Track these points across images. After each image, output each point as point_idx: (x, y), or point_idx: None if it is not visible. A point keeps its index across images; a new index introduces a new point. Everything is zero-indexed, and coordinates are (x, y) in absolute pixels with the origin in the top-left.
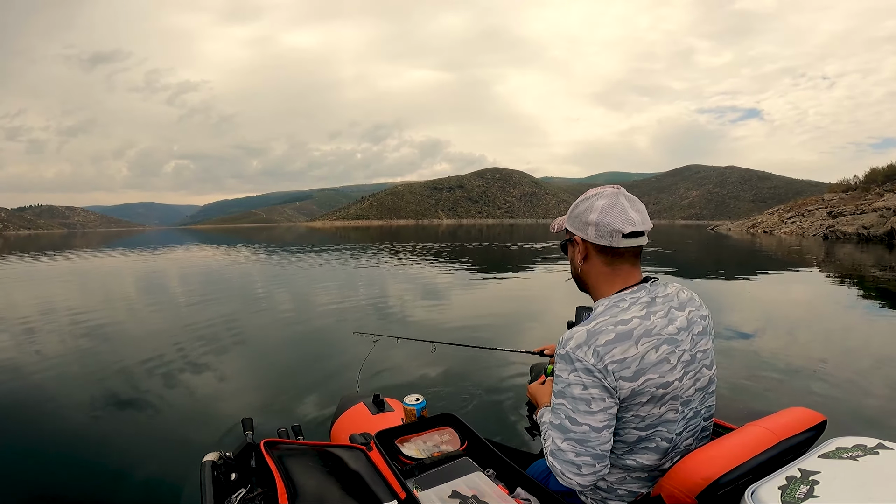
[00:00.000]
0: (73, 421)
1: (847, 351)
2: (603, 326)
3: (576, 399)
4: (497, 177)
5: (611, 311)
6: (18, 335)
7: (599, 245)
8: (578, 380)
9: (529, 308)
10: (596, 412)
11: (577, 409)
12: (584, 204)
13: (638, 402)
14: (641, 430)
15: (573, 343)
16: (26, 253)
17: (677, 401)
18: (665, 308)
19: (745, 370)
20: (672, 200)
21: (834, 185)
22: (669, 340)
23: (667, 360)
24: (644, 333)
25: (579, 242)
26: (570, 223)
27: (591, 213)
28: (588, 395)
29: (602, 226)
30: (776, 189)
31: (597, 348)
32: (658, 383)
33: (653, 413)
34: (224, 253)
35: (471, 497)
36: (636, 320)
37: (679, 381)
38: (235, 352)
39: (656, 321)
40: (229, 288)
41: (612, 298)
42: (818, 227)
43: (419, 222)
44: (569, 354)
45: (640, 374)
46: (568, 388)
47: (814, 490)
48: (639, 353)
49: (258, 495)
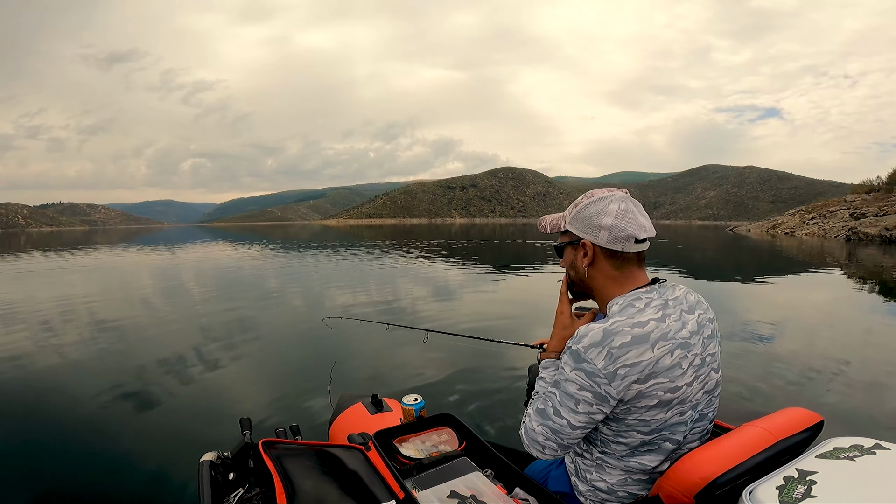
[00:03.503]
0: (69, 420)
1: (856, 352)
2: (620, 327)
3: (566, 395)
4: (510, 176)
5: (627, 312)
6: (23, 329)
7: (609, 249)
8: (577, 378)
9: (529, 304)
10: (580, 413)
11: (563, 403)
12: (594, 206)
13: (644, 406)
14: (646, 434)
15: (587, 341)
16: (47, 249)
17: (685, 404)
18: (677, 311)
19: (746, 370)
20: (689, 201)
21: (857, 185)
22: (683, 345)
23: (679, 365)
24: (660, 337)
25: (588, 246)
26: (574, 225)
27: (604, 217)
28: (579, 396)
29: (617, 230)
30: (796, 190)
31: (611, 350)
32: (667, 388)
33: (658, 418)
34: (239, 250)
35: (469, 497)
36: (652, 323)
37: (688, 385)
38: (236, 350)
39: (671, 324)
40: (236, 285)
41: (626, 297)
42: (840, 229)
43: (432, 221)
44: (578, 352)
45: (651, 377)
46: (564, 382)
47: (811, 490)
48: (654, 356)
49: (256, 495)
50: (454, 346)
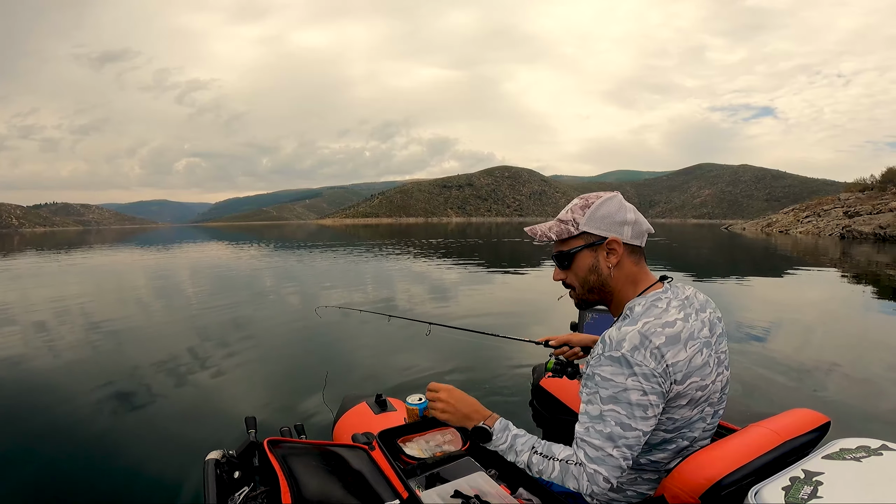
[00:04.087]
0: (74, 418)
1: (857, 352)
2: (652, 328)
3: (633, 405)
4: (506, 175)
5: (652, 312)
6: (26, 331)
7: (632, 245)
8: (637, 385)
9: (529, 302)
10: (650, 418)
11: (633, 414)
12: (609, 204)
13: (677, 405)
14: (669, 431)
15: (628, 345)
16: (40, 249)
17: (706, 402)
18: (693, 311)
19: (751, 370)
20: (684, 199)
21: (850, 184)
22: (707, 344)
23: (707, 364)
24: (689, 336)
25: (617, 243)
26: (593, 225)
27: (626, 213)
28: (647, 400)
29: (638, 225)
30: (791, 188)
31: (654, 350)
32: (699, 386)
33: (685, 416)
34: (235, 250)
35: (473, 497)
36: (679, 323)
37: (713, 383)
38: (239, 350)
39: (694, 324)
40: (235, 285)
41: (647, 298)
42: (834, 227)
43: (428, 220)
44: (625, 357)
45: (688, 377)
46: (624, 394)
47: (817, 491)
48: (688, 356)
49: (261, 494)
50: (457, 345)
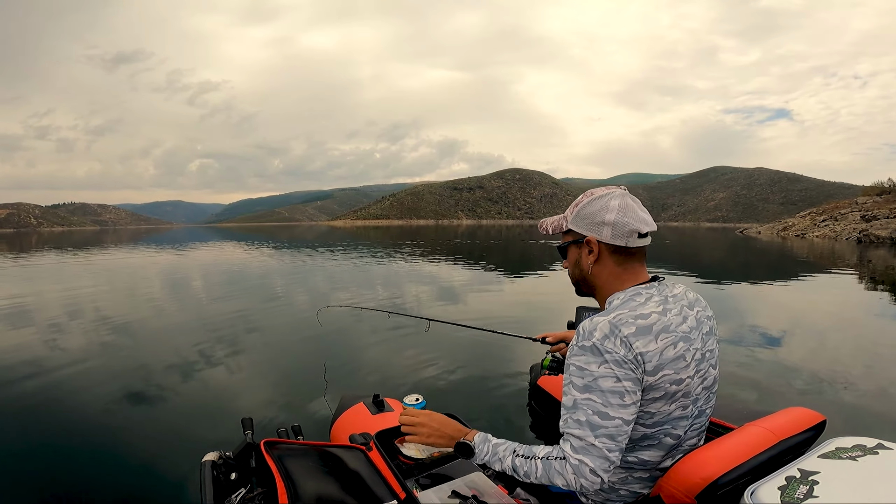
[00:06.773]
0: (71, 419)
1: (858, 352)
2: (623, 318)
3: (606, 392)
4: (517, 177)
5: (628, 305)
6: (26, 327)
7: (614, 245)
8: (610, 372)
9: (532, 304)
10: (628, 405)
11: (608, 402)
12: (595, 204)
13: (651, 398)
14: (648, 426)
15: (599, 334)
16: (59, 247)
17: (687, 398)
18: (678, 306)
19: (749, 370)
20: (697, 202)
21: (868, 187)
22: (685, 338)
23: (682, 358)
24: (663, 329)
25: (593, 243)
26: (577, 224)
27: (606, 213)
28: (622, 387)
29: (620, 226)
30: (807, 191)
31: (623, 339)
32: (673, 379)
33: (662, 410)
34: (247, 250)
35: (470, 497)
36: (654, 315)
37: (691, 378)
38: (237, 350)
39: (672, 318)
40: (242, 286)
41: (627, 292)
42: (851, 231)
43: (439, 222)
44: (596, 346)
45: (659, 369)
46: (596, 382)
47: (813, 490)
48: (658, 348)
49: (258, 495)
50: (456, 344)
